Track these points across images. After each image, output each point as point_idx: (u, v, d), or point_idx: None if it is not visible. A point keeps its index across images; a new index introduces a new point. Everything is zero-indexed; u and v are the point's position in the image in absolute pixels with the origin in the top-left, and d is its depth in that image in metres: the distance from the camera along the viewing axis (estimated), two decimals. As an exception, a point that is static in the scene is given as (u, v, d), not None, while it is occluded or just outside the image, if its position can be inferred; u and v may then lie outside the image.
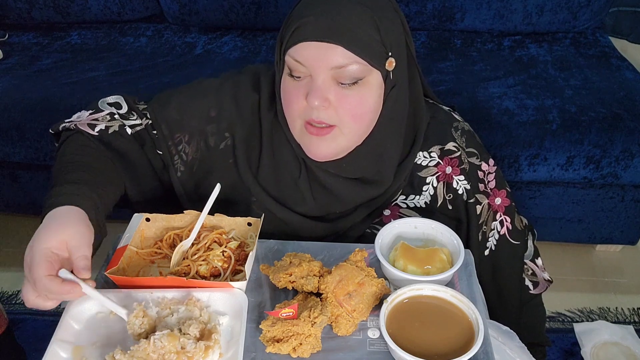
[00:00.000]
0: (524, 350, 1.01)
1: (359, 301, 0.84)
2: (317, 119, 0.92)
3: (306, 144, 0.98)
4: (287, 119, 0.99)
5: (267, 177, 1.07)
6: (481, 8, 2.16)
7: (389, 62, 0.92)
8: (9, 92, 1.95)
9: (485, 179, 1.09)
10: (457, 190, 1.07)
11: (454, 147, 1.07)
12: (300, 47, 0.89)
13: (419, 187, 1.08)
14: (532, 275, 1.18)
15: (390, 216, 1.08)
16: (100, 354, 0.80)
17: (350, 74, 0.90)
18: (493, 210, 1.10)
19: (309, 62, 0.90)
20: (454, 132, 1.08)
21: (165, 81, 1.99)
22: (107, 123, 1.06)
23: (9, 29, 2.36)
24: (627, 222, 1.93)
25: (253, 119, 1.07)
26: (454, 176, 1.07)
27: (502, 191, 1.11)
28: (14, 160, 1.94)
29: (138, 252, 0.96)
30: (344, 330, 0.83)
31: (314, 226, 1.06)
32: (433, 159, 1.07)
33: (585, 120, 1.74)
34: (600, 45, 2.15)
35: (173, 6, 2.28)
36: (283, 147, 1.05)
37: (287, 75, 0.95)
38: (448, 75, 1.98)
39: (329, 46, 0.88)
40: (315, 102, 0.90)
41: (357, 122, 0.94)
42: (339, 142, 0.96)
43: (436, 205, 1.08)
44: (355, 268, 0.87)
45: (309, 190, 1.05)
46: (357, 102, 0.92)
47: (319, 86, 0.90)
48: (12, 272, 2.08)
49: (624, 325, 1.79)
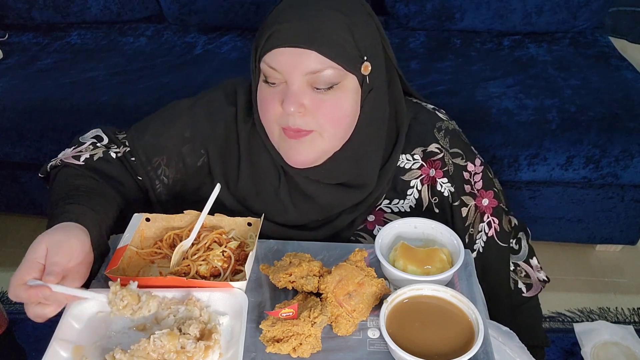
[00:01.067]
0: (523, 350, 1.01)
1: (358, 301, 0.84)
2: (294, 125, 0.92)
3: (286, 150, 0.97)
4: (265, 125, 0.98)
5: (247, 188, 1.06)
6: (480, 8, 2.16)
7: (365, 66, 0.92)
8: (9, 92, 1.95)
9: (471, 179, 1.07)
10: (443, 192, 1.06)
11: (437, 149, 1.05)
12: (274, 53, 0.89)
13: (402, 191, 1.06)
14: (525, 277, 1.16)
15: (375, 222, 1.06)
16: (100, 353, 0.80)
17: (325, 79, 0.89)
18: (480, 212, 1.08)
19: (284, 67, 0.89)
20: (436, 133, 1.06)
21: (164, 81, 1.99)
22: (90, 152, 1.08)
23: (9, 29, 2.37)
24: (627, 222, 1.93)
25: (228, 132, 1.07)
26: (437, 179, 1.05)
27: (489, 192, 1.09)
28: (14, 160, 1.94)
29: (138, 252, 0.96)
30: (344, 330, 0.83)
31: (296, 236, 1.04)
32: (416, 162, 1.06)
33: (584, 120, 1.74)
34: (600, 45, 2.15)
35: (173, 6, 2.28)
36: (261, 156, 1.04)
37: (263, 82, 0.94)
38: (447, 75, 1.98)
39: (303, 52, 0.88)
40: (290, 108, 0.89)
41: (335, 126, 0.94)
42: (317, 146, 0.95)
43: (422, 209, 1.06)
44: (355, 268, 0.87)
45: (289, 198, 1.04)
46: (333, 107, 0.92)
47: (293, 92, 0.90)
48: (12, 272, 2.04)
49: (624, 325, 1.79)
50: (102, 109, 1.87)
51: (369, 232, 1.06)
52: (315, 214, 1.05)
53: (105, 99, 1.90)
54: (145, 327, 0.83)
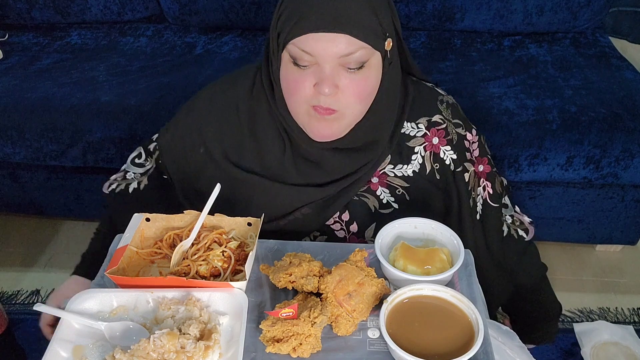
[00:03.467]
0: (524, 350, 1.01)
1: (358, 301, 0.84)
2: (325, 105, 0.95)
3: (312, 126, 1.00)
4: (291, 104, 1.01)
5: (253, 160, 1.10)
6: (481, 8, 2.16)
7: (388, 42, 0.96)
8: (9, 92, 1.95)
9: (470, 147, 1.14)
10: (445, 160, 1.11)
11: (440, 120, 1.11)
12: (307, 38, 0.91)
13: (407, 156, 1.10)
14: (520, 225, 1.23)
15: (379, 184, 1.10)
16: (100, 353, 0.80)
17: (356, 60, 0.93)
18: (478, 177, 1.14)
19: (317, 52, 0.91)
20: (439, 105, 1.12)
21: (165, 81, 1.99)
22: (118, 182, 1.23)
23: (9, 29, 2.36)
24: (627, 222, 1.93)
25: (228, 114, 1.11)
26: (440, 146, 1.10)
27: (484, 159, 1.16)
28: (14, 160, 1.94)
29: (138, 252, 0.96)
30: (343, 330, 0.83)
31: (301, 192, 1.08)
32: (420, 130, 1.10)
33: (585, 120, 1.74)
34: (600, 45, 2.15)
35: (173, 6, 2.28)
36: (266, 130, 1.08)
37: (290, 63, 0.96)
38: (448, 75, 1.98)
39: (336, 36, 0.90)
40: (326, 90, 0.92)
41: (361, 102, 0.98)
42: (342, 122, 1.00)
43: (425, 173, 1.10)
44: (355, 268, 0.87)
45: (294, 165, 1.08)
46: (363, 84, 0.96)
47: (328, 74, 0.93)
48: (12, 272, 2.08)
49: (624, 325, 1.79)
50: (103, 108, 1.87)
51: (373, 192, 1.10)
52: (319, 179, 1.08)
53: (106, 99, 1.90)
54: (145, 325, 0.83)
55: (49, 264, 2.11)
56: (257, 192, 1.09)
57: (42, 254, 2.15)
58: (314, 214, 1.09)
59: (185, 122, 1.15)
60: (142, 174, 1.21)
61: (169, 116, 1.90)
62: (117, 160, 1.88)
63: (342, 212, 1.10)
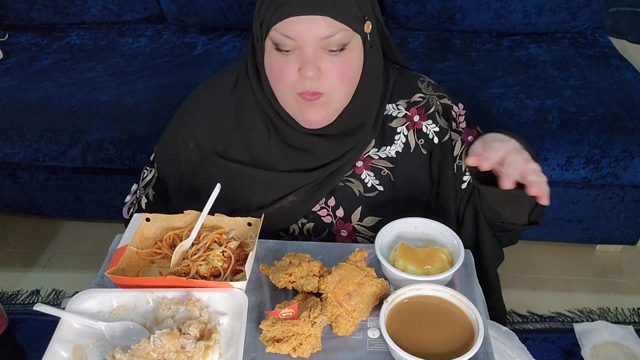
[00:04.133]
0: (523, 350, 1.01)
1: (358, 301, 0.84)
2: (311, 89, 0.97)
3: (301, 113, 1.02)
4: (278, 93, 1.03)
5: (240, 151, 1.12)
6: (480, 8, 2.16)
7: (367, 24, 0.99)
8: (8, 92, 1.95)
9: (457, 119, 1.14)
10: (428, 134, 1.12)
11: (420, 98, 1.13)
12: (287, 22, 0.93)
13: (390, 137, 1.12)
14: None
15: (363, 167, 1.11)
16: (100, 353, 0.80)
17: (337, 42, 0.95)
18: (467, 146, 1.13)
19: (298, 35, 0.94)
20: (420, 84, 1.14)
21: (164, 81, 1.99)
22: (132, 204, 1.23)
23: (9, 29, 2.36)
24: (627, 222, 1.93)
25: (215, 109, 1.13)
26: (422, 122, 1.12)
27: (473, 131, 1.15)
28: (13, 160, 1.94)
29: (138, 252, 0.96)
30: (343, 331, 0.83)
31: (289, 178, 1.10)
32: (400, 111, 1.12)
33: (584, 120, 1.74)
34: (600, 46, 2.15)
35: (172, 6, 2.28)
36: (252, 120, 1.10)
37: (274, 50, 0.98)
38: (448, 76, 1.98)
39: (316, 18, 0.92)
40: (309, 73, 0.94)
41: (346, 84, 1.00)
42: (330, 106, 1.02)
43: (409, 151, 1.11)
44: (355, 268, 0.87)
45: (282, 153, 1.09)
46: (345, 66, 0.98)
47: (310, 57, 0.95)
48: (12, 272, 2.08)
49: (624, 325, 1.79)
50: (102, 109, 1.87)
51: (357, 176, 1.11)
52: (307, 164, 1.10)
53: (105, 99, 1.90)
54: (145, 325, 0.83)
55: (49, 264, 2.11)
56: (246, 181, 1.10)
57: (42, 254, 2.15)
58: (300, 202, 1.10)
59: (175, 124, 1.18)
60: (146, 185, 1.22)
61: (169, 116, 1.89)
62: (116, 160, 1.88)
63: (328, 197, 1.11)
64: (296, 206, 1.11)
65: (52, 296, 1.98)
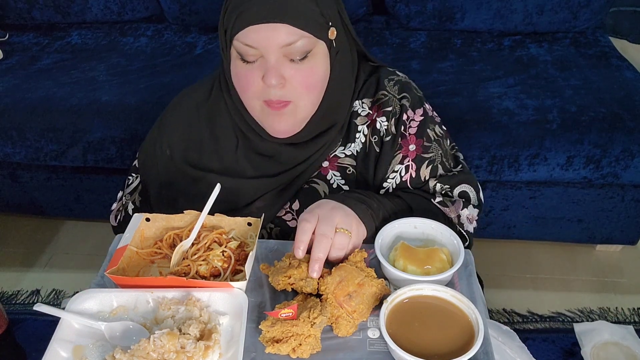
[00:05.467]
0: (524, 349, 1.01)
1: (359, 302, 0.84)
2: (275, 97, 0.97)
3: (269, 122, 1.03)
4: (245, 101, 1.03)
5: (211, 159, 1.12)
6: (481, 8, 2.16)
7: (331, 31, 0.98)
8: (9, 92, 1.95)
9: (407, 123, 1.10)
10: (380, 131, 1.10)
11: (382, 95, 1.11)
12: (248, 31, 0.93)
13: (354, 134, 1.11)
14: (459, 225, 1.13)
15: (329, 167, 1.11)
16: (100, 353, 0.80)
17: (299, 49, 0.95)
18: (403, 154, 1.09)
19: (259, 44, 0.94)
20: (387, 82, 1.12)
21: (165, 81, 1.99)
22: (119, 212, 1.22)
23: (9, 29, 2.37)
24: (627, 222, 1.93)
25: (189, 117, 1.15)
26: (377, 118, 1.10)
27: (420, 140, 1.10)
28: (14, 160, 1.94)
29: (138, 252, 0.96)
30: (344, 331, 0.83)
31: (255, 184, 1.10)
32: (364, 109, 1.11)
33: (585, 120, 1.74)
34: (600, 45, 2.15)
35: (173, 6, 2.28)
36: (224, 128, 1.11)
37: (238, 60, 0.98)
38: (448, 75, 1.98)
39: (276, 26, 0.92)
40: (272, 81, 0.95)
41: (311, 92, 1.00)
42: (297, 114, 1.02)
43: (366, 150, 1.11)
44: (355, 269, 0.87)
45: (247, 160, 1.10)
46: (309, 74, 0.98)
47: (272, 65, 0.95)
48: (12, 272, 2.08)
49: (624, 325, 1.79)
50: (103, 109, 1.87)
51: (323, 177, 1.11)
52: (273, 170, 1.10)
53: (106, 99, 1.90)
54: (145, 325, 0.83)
55: (49, 264, 2.11)
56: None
57: (42, 254, 2.15)
58: (267, 206, 1.11)
59: (155, 133, 1.19)
60: (132, 192, 1.22)
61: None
62: (117, 160, 1.88)
63: (292, 201, 1.11)
64: (262, 212, 1.07)
65: (52, 296, 1.98)
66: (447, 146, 1.15)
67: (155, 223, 0.99)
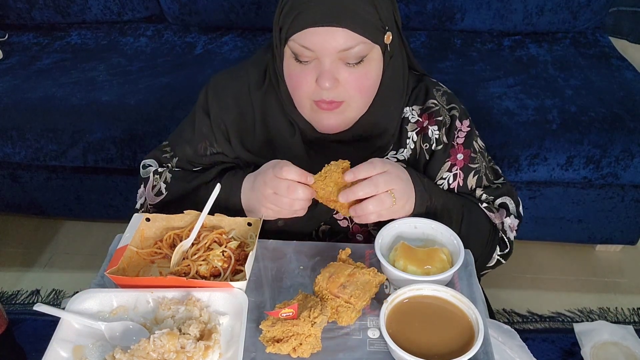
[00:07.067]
0: (524, 349, 1.01)
1: (353, 288, 0.84)
2: (328, 98, 0.97)
3: (318, 120, 1.03)
4: (296, 99, 1.03)
5: (262, 148, 1.11)
6: (481, 8, 2.16)
7: (387, 36, 0.97)
8: (9, 92, 1.95)
9: (456, 134, 1.11)
10: (431, 139, 1.10)
11: (433, 104, 1.11)
12: (305, 33, 0.92)
13: (405, 140, 1.11)
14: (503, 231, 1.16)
15: None
16: (100, 353, 0.80)
17: (355, 54, 0.94)
18: (451, 162, 1.11)
19: (316, 47, 0.93)
20: (435, 92, 1.12)
21: (165, 81, 1.99)
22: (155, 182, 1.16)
23: (9, 29, 2.37)
24: (627, 222, 1.93)
25: (240, 102, 1.12)
26: (429, 127, 1.10)
27: (467, 150, 1.12)
28: (14, 160, 1.94)
29: (138, 252, 0.96)
30: (347, 319, 0.83)
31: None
32: (414, 116, 1.11)
33: (585, 120, 1.74)
34: (600, 45, 2.15)
35: (173, 6, 2.28)
36: (276, 118, 1.10)
37: (292, 59, 0.98)
38: (448, 75, 1.98)
39: (335, 30, 0.91)
40: (326, 84, 0.94)
41: (363, 95, 1.00)
42: (347, 114, 1.02)
43: (415, 157, 1.11)
44: (343, 264, 0.89)
45: (305, 153, 1.09)
46: (363, 78, 0.97)
47: (328, 69, 0.94)
48: (12, 272, 2.08)
49: (624, 325, 1.79)
50: (103, 109, 1.87)
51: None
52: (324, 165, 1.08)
53: (106, 99, 1.90)
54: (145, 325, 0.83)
55: (49, 264, 2.11)
56: None
57: (42, 254, 2.15)
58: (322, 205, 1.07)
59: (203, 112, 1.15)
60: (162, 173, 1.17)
61: (170, 116, 1.90)
62: (117, 160, 1.88)
63: None
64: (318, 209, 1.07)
65: (52, 296, 1.98)
66: (487, 159, 1.17)
67: (155, 223, 0.99)
